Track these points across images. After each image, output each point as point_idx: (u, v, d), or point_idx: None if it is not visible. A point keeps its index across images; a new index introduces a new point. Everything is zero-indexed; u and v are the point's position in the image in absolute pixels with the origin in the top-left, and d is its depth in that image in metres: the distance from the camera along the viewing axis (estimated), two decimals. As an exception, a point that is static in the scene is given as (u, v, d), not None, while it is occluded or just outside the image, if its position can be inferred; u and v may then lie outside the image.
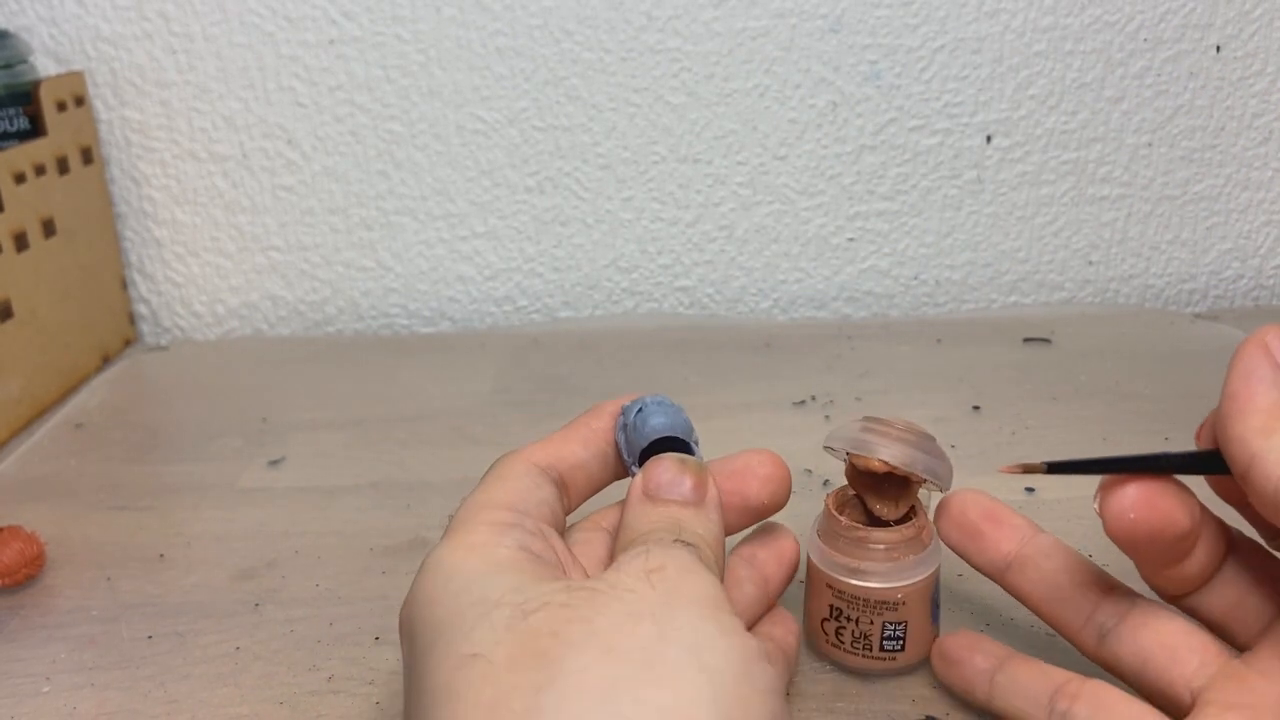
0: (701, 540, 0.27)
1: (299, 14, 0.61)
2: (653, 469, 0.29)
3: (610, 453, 0.31)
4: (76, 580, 0.41)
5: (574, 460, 0.31)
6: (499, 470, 0.30)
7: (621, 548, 0.27)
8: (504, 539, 0.26)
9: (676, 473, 0.29)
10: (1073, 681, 0.29)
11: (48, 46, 0.62)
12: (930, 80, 0.63)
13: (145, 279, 0.67)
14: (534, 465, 0.30)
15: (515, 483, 0.29)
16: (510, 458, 0.30)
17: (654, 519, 0.28)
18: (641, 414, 0.30)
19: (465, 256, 0.67)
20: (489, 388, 0.57)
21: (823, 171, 0.65)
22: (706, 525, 0.28)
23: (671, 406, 0.31)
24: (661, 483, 0.28)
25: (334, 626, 0.37)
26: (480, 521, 0.27)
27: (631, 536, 0.27)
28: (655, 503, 0.28)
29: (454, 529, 0.27)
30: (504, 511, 0.27)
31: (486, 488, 0.29)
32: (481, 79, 0.63)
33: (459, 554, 0.26)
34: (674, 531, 0.27)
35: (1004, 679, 0.30)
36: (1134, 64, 0.63)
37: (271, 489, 0.47)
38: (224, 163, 0.64)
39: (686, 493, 0.28)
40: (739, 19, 0.62)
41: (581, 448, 0.31)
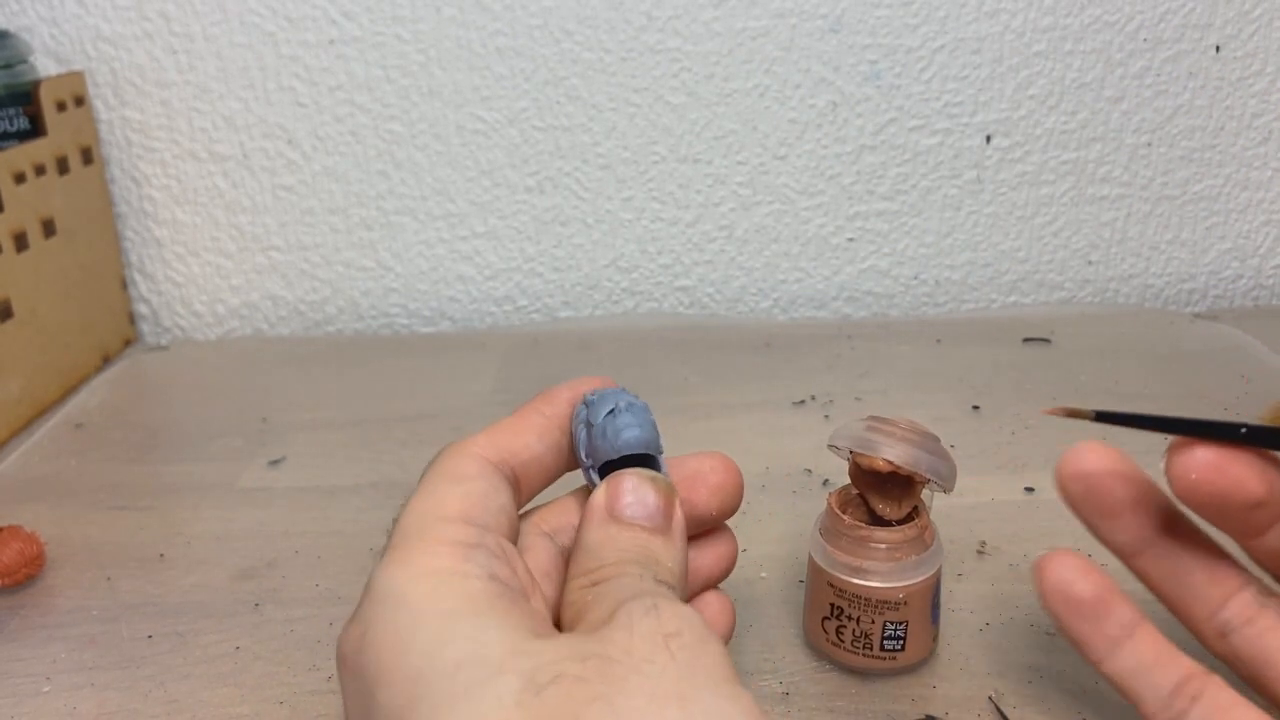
0: (674, 576, 0.25)
1: (299, 14, 0.61)
2: (619, 486, 0.27)
3: (565, 444, 0.29)
4: (76, 580, 0.41)
5: (529, 454, 0.28)
6: (448, 468, 0.27)
7: (584, 572, 0.25)
8: (470, 565, 0.23)
9: (645, 493, 0.26)
10: (1195, 679, 0.27)
11: (48, 46, 0.62)
12: (930, 80, 0.63)
13: (145, 279, 0.67)
14: (488, 462, 0.27)
15: (470, 486, 0.26)
16: (459, 452, 0.27)
17: (622, 545, 0.25)
18: (613, 418, 0.28)
19: (465, 256, 0.67)
20: (489, 388, 0.57)
21: (823, 171, 0.65)
22: (675, 556, 0.26)
23: (644, 413, 0.29)
24: (629, 503, 0.26)
25: (334, 627, 0.37)
26: (439, 539, 0.24)
27: (595, 564, 0.25)
28: (621, 525, 0.26)
29: (405, 543, 0.24)
30: (463, 527, 0.25)
31: (437, 491, 0.26)
32: (481, 79, 0.63)
33: (422, 584, 0.23)
34: (649, 566, 0.25)
35: (1130, 656, 0.27)
36: (1134, 64, 0.63)
37: (272, 489, 0.47)
38: (224, 162, 0.64)
39: (656, 517, 0.26)
40: (739, 19, 0.62)
41: (537, 439, 0.28)
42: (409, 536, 0.24)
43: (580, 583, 0.25)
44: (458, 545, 0.24)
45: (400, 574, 0.23)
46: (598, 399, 0.29)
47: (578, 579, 0.25)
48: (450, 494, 0.25)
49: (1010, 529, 0.42)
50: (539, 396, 0.30)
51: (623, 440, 0.27)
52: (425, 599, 0.22)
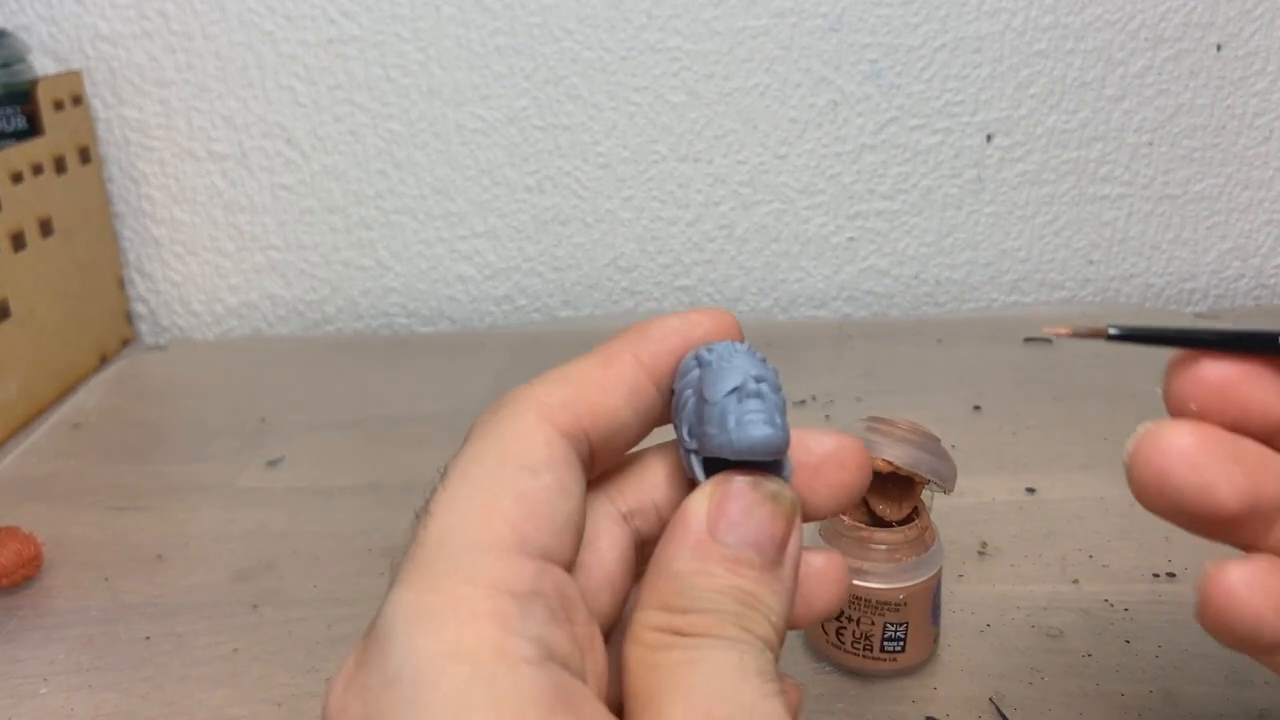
0: (776, 628, 0.19)
1: (298, 13, 0.61)
2: (728, 501, 0.20)
3: (659, 406, 0.22)
4: (74, 581, 0.41)
5: (613, 423, 0.21)
6: (511, 448, 0.20)
7: (663, 605, 0.19)
8: (520, 640, 0.17)
9: (762, 516, 0.20)
10: None
11: (46, 45, 0.61)
12: (931, 79, 0.63)
13: (143, 278, 0.67)
14: (562, 438, 0.20)
15: (535, 484, 0.19)
16: (528, 417, 0.20)
17: (719, 585, 0.19)
18: (738, 403, 0.20)
19: (465, 256, 0.66)
20: (489, 387, 0.57)
21: (823, 170, 0.65)
22: (782, 600, 0.20)
23: (777, 398, 0.21)
24: (738, 526, 0.20)
25: (332, 628, 0.37)
26: (481, 586, 0.18)
27: (681, 602, 0.19)
28: (723, 558, 0.19)
29: (434, 582, 0.18)
30: (517, 564, 0.18)
31: (488, 485, 0.19)
32: (481, 78, 0.62)
33: (452, 672, 0.17)
34: (749, 617, 0.19)
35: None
36: (1135, 63, 0.63)
37: (270, 489, 0.47)
38: (223, 162, 0.64)
39: (769, 550, 0.20)
40: (739, 18, 0.61)
41: (626, 402, 0.21)
42: (440, 566, 0.18)
43: (658, 619, 0.19)
44: (507, 598, 0.18)
45: (423, 644, 0.17)
46: (717, 361, 0.21)
47: (654, 612, 0.19)
48: (504, 498, 0.19)
49: (1011, 530, 0.42)
50: (633, 332, 0.22)
51: (749, 440, 0.20)
52: (453, 702, 0.16)
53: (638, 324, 0.22)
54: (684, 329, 0.22)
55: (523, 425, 0.20)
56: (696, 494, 0.20)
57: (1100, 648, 0.35)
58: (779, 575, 0.20)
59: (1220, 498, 0.20)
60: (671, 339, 0.22)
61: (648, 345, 0.22)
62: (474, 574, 0.18)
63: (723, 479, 0.20)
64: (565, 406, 0.20)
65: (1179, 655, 0.34)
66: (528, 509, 0.19)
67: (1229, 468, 0.20)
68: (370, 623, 0.18)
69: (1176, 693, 0.33)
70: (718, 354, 0.21)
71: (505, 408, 0.21)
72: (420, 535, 0.19)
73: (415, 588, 0.18)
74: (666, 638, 0.19)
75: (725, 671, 0.18)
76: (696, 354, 0.22)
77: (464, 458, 0.20)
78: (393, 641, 0.17)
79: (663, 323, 0.22)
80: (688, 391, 0.21)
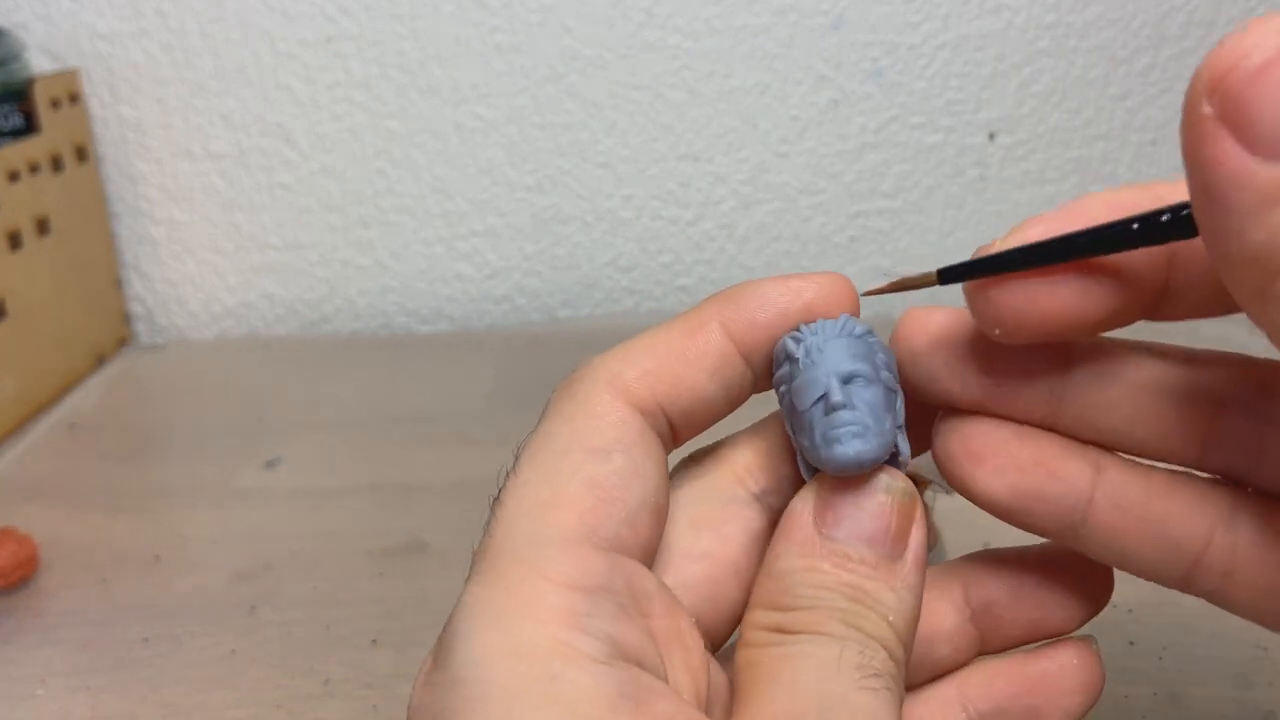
0: (896, 629, 0.18)
1: (296, 11, 0.61)
2: (836, 496, 0.19)
3: (747, 381, 0.21)
4: (71, 582, 0.40)
5: (694, 398, 0.20)
6: (581, 428, 0.19)
7: (768, 603, 0.18)
8: (586, 637, 0.17)
9: (873, 511, 0.19)
10: (1216, 535, 0.19)
11: (42, 43, 0.61)
12: (933, 77, 0.63)
13: (141, 278, 0.66)
14: (638, 415, 0.19)
15: (606, 468, 0.18)
16: (601, 393, 0.19)
17: (826, 581, 0.18)
18: (822, 415, 0.19)
19: (464, 255, 0.66)
20: (488, 387, 0.57)
21: (824, 169, 0.65)
22: (903, 598, 0.19)
23: (873, 393, 0.19)
24: (845, 518, 0.19)
25: (331, 630, 0.37)
26: (547, 581, 0.17)
27: (784, 599, 0.18)
28: (829, 553, 0.18)
29: (500, 574, 0.17)
30: (584, 556, 0.17)
31: (560, 470, 0.18)
32: (480, 76, 0.62)
33: (515, 670, 0.16)
34: (859, 614, 0.18)
35: (1126, 515, 0.20)
36: (1138, 61, 0.63)
37: (268, 490, 0.47)
38: (220, 160, 0.64)
39: (881, 543, 0.19)
40: (740, 15, 0.61)
41: (709, 377, 0.20)
42: (507, 560, 0.17)
43: (763, 619, 0.18)
44: (575, 594, 0.17)
45: (487, 641, 0.17)
46: (804, 357, 0.19)
47: (760, 611, 0.19)
48: (572, 485, 0.18)
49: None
50: (724, 298, 0.20)
51: (836, 462, 0.18)
52: (514, 702, 0.16)
53: (730, 289, 0.20)
54: (781, 300, 0.20)
55: (595, 403, 0.19)
56: (802, 492, 0.19)
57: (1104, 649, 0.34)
58: (898, 571, 0.19)
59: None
60: (766, 312, 0.20)
61: (739, 314, 0.20)
62: (541, 568, 0.17)
63: (831, 479, 0.19)
64: (642, 380, 0.19)
65: (1184, 657, 0.34)
66: (597, 496, 0.18)
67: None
68: (449, 617, 0.18)
69: (1181, 695, 0.32)
70: (806, 347, 0.19)
71: (578, 383, 0.19)
72: (492, 526, 0.18)
73: (484, 583, 0.17)
74: (770, 636, 0.18)
75: (820, 665, 0.17)
76: (785, 343, 0.20)
77: (535, 439, 0.19)
78: (459, 639, 0.17)
79: (759, 291, 0.20)
80: (782, 388, 0.20)
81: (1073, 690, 0.22)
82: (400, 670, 0.35)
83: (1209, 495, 0.20)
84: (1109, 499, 0.20)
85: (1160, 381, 0.20)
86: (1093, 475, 0.20)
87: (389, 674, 0.34)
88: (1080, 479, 0.20)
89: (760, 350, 0.20)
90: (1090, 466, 0.20)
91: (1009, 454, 0.20)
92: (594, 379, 0.19)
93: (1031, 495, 0.20)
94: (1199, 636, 0.35)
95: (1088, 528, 0.20)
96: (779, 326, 0.20)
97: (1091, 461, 0.20)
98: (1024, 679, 0.22)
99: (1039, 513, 0.20)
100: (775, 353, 0.20)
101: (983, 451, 0.20)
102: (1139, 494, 0.20)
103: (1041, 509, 0.20)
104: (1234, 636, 0.35)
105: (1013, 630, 0.22)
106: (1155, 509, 0.20)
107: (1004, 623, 0.22)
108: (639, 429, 0.19)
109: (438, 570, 0.40)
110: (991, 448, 0.20)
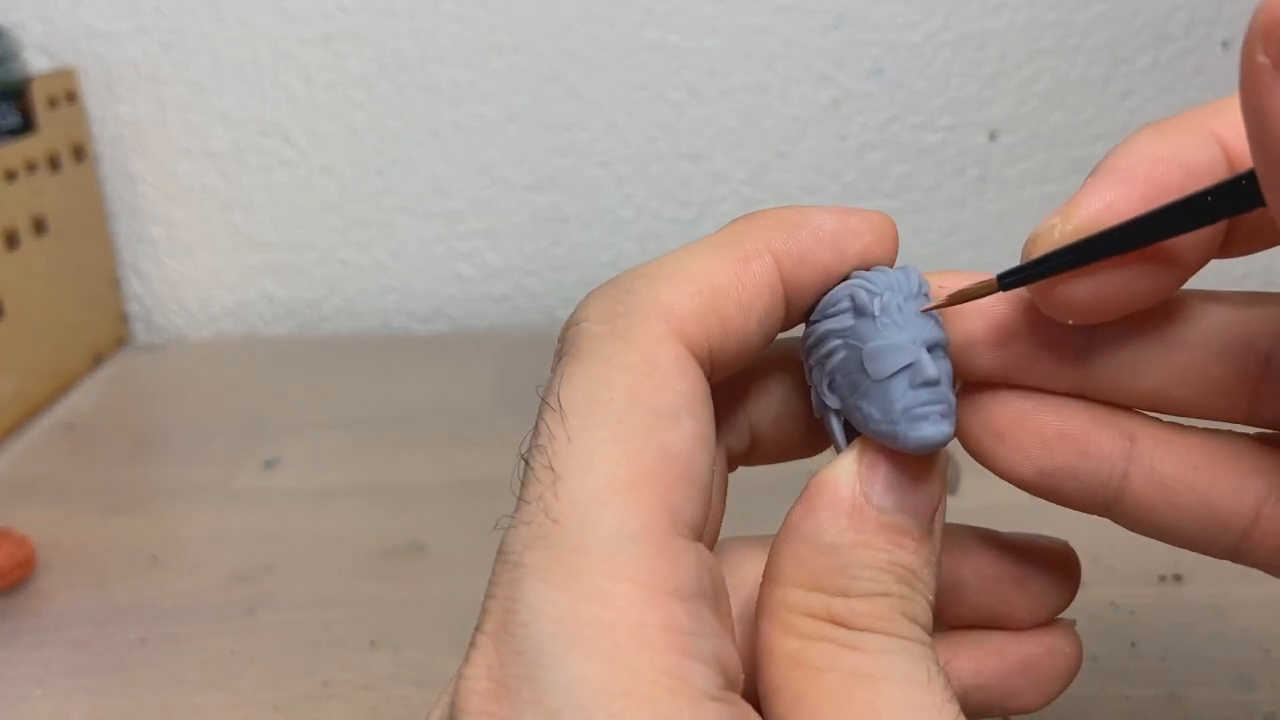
0: (931, 613, 0.17)
1: (295, 9, 0.61)
2: (884, 463, 0.17)
3: (778, 327, 0.18)
4: (68, 583, 0.40)
5: (743, 344, 0.18)
6: (641, 382, 0.16)
7: (813, 583, 0.17)
8: (698, 667, 0.14)
9: (920, 481, 0.17)
10: (1267, 506, 0.18)
11: (40, 42, 0.61)
12: (934, 77, 0.63)
13: (138, 277, 0.66)
14: (696, 366, 0.17)
15: (675, 435, 0.16)
16: (658, 335, 0.16)
17: (879, 560, 0.17)
18: (910, 384, 0.17)
19: (463, 254, 0.66)
20: (487, 387, 0.57)
21: (825, 169, 0.64)
22: (934, 571, 0.18)
23: (946, 367, 0.18)
24: (895, 488, 0.17)
25: (329, 631, 0.37)
26: (642, 587, 0.14)
27: (840, 580, 0.16)
28: (880, 526, 0.17)
29: (583, 579, 0.14)
30: (675, 551, 0.15)
31: (623, 442, 0.15)
32: (480, 75, 0.62)
33: (633, 718, 0.14)
34: (909, 604, 0.17)
35: (1164, 489, 0.18)
36: (1140, 60, 0.62)
37: (266, 491, 0.47)
38: (219, 160, 0.64)
39: (926, 516, 0.17)
40: (740, 14, 0.61)
41: (757, 322, 0.18)
42: (587, 558, 0.15)
43: (811, 603, 0.16)
44: (675, 605, 0.15)
45: (588, 676, 0.14)
46: (881, 313, 0.17)
47: (804, 593, 0.16)
48: (646, 457, 0.15)
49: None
50: (776, 224, 0.18)
51: (920, 441, 0.17)
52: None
53: (775, 211, 0.18)
54: (839, 239, 0.18)
55: (654, 349, 0.16)
56: (843, 460, 0.17)
57: (1106, 650, 0.34)
58: (933, 546, 0.17)
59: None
60: (823, 252, 0.18)
61: (793, 249, 0.18)
62: (631, 569, 0.14)
63: (869, 440, 0.17)
64: (697, 319, 0.17)
65: (1185, 658, 0.34)
66: (674, 472, 0.15)
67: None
68: (498, 610, 0.15)
69: (1183, 696, 0.32)
70: (883, 304, 0.17)
71: (625, 317, 0.16)
72: (550, 504, 0.15)
73: (563, 588, 0.14)
74: (824, 627, 0.16)
75: (913, 694, 0.15)
76: (856, 293, 0.17)
77: (582, 388, 0.16)
78: (546, 669, 0.14)
79: (815, 222, 0.18)
80: (836, 342, 0.17)
81: (1059, 675, 0.21)
82: (400, 672, 0.35)
83: (1257, 460, 0.18)
84: (1145, 473, 0.18)
85: (1203, 330, 0.18)
86: (1126, 446, 0.18)
87: (388, 675, 0.34)
88: (1112, 452, 0.18)
89: (807, 291, 0.18)
90: (1123, 437, 0.18)
91: (1032, 429, 0.19)
92: (647, 313, 0.16)
93: (1060, 473, 0.19)
94: (1200, 638, 0.35)
95: (1123, 504, 0.19)
96: (833, 270, 0.18)
97: (1124, 431, 0.19)
98: (1015, 658, 0.21)
99: (1070, 490, 0.19)
100: (831, 296, 0.18)
101: (1004, 428, 0.19)
102: (1177, 466, 0.18)
103: (1072, 486, 0.19)
104: (1236, 638, 0.35)
105: (967, 616, 0.21)
106: (1196, 482, 0.18)
107: (963, 609, 0.21)
108: (700, 382, 0.17)
109: (437, 571, 0.40)
110: (1013, 423, 0.19)
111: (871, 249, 0.19)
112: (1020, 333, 0.19)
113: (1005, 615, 0.21)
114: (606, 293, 0.17)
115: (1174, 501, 0.18)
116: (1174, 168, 0.16)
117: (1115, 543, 0.35)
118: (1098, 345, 0.18)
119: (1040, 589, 0.21)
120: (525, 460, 0.16)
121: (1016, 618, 0.21)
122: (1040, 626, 0.21)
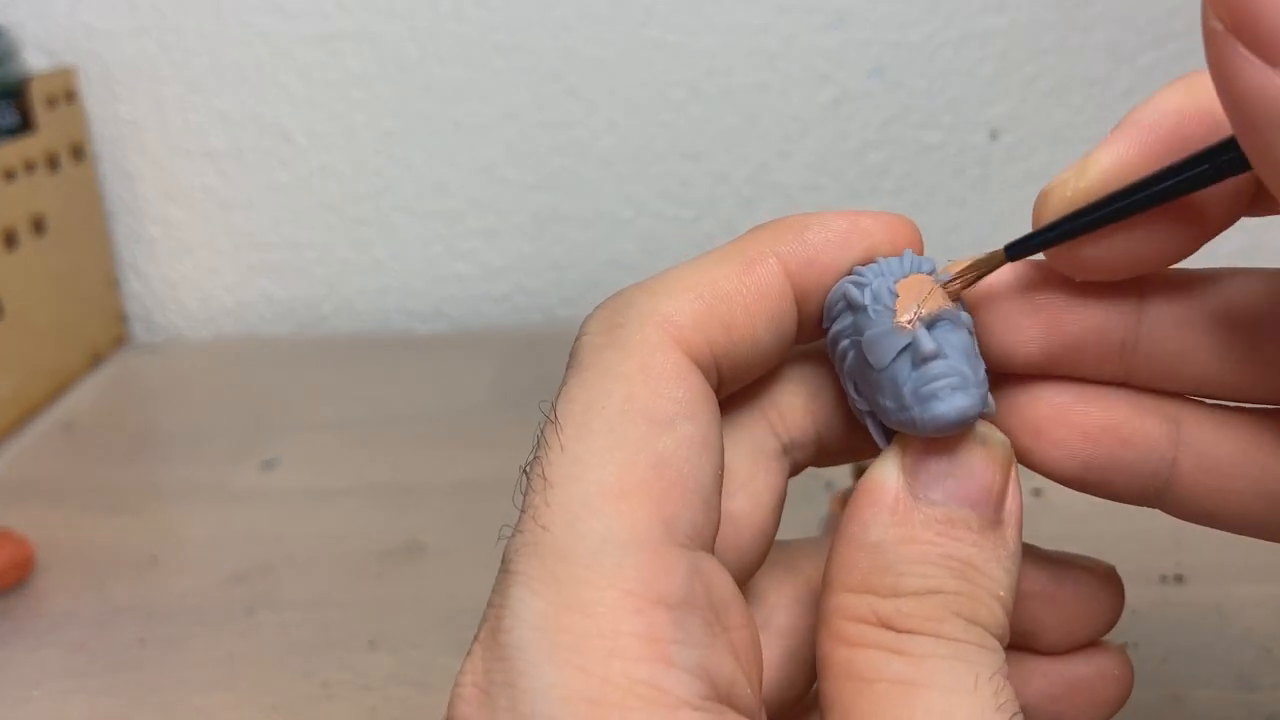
0: (1006, 603, 0.16)
1: (294, 8, 0.60)
2: (930, 452, 0.16)
3: (794, 332, 0.18)
4: (67, 584, 0.40)
5: (752, 349, 0.17)
6: (637, 390, 0.16)
7: (863, 585, 0.16)
8: (680, 675, 0.14)
9: (974, 467, 0.16)
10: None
11: (39, 41, 0.61)
12: (934, 76, 0.62)
13: (137, 277, 0.66)
14: (698, 373, 0.16)
15: (670, 440, 0.15)
16: (655, 342, 0.16)
17: (931, 555, 0.16)
18: (912, 364, 0.16)
19: (463, 254, 0.66)
20: (487, 387, 0.57)
21: (826, 168, 0.64)
22: (1008, 568, 0.16)
23: (960, 338, 0.17)
24: (944, 476, 0.16)
25: (328, 631, 0.37)
26: (625, 595, 0.14)
27: (889, 580, 0.15)
28: (932, 521, 0.16)
29: (567, 587, 0.14)
30: (665, 559, 0.15)
31: (616, 450, 0.15)
32: (479, 74, 0.62)
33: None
34: (972, 593, 0.15)
35: (1215, 476, 0.18)
36: (1141, 59, 0.62)
37: (265, 491, 0.47)
38: (218, 159, 0.64)
39: (987, 507, 0.16)
40: (740, 13, 0.61)
41: (765, 327, 0.17)
42: (572, 566, 0.14)
43: (859, 607, 0.16)
44: (660, 612, 0.14)
45: (561, 683, 0.14)
46: (872, 303, 0.17)
47: (853, 596, 0.16)
48: (640, 464, 0.15)
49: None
50: (783, 229, 0.18)
51: (937, 421, 0.16)
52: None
53: (783, 220, 0.18)
54: (847, 239, 0.18)
55: (652, 357, 0.16)
56: (883, 458, 0.16)
57: (1109, 652, 0.34)
58: (1003, 538, 0.16)
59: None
60: (830, 252, 0.18)
61: (800, 251, 0.18)
62: (616, 576, 0.14)
63: (918, 439, 0.16)
64: (697, 326, 0.16)
65: (1187, 659, 0.34)
66: (668, 478, 0.15)
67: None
68: (491, 616, 0.15)
69: (1184, 697, 0.32)
70: (871, 292, 0.17)
71: (624, 327, 0.16)
72: (539, 511, 0.15)
73: (546, 596, 0.14)
74: (872, 632, 0.15)
75: (955, 703, 0.14)
76: (846, 289, 0.17)
77: (579, 399, 0.16)
78: (523, 676, 0.14)
79: (821, 224, 0.18)
80: (845, 342, 0.17)
81: (1108, 700, 0.20)
82: (399, 672, 0.34)
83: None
84: (1193, 460, 0.18)
85: (1252, 307, 0.17)
86: (1172, 433, 0.18)
87: (388, 676, 0.34)
88: (1159, 440, 0.18)
89: (816, 294, 0.18)
90: (1168, 423, 0.18)
91: (1073, 421, 0.18)
92: (644, 322, 0.16)
93: (1104, 466, 0.18)
94: (1202, 638, 0.34)
95: (1174, 492, 0.18)
96: (842, 269, 0.18)
97: (1169, 417, 0.18)
98: (1062, 681, 0.20)
99: (1117, 484, 0.18)
100: (830, 301, 0.18)
101: (1041, 423, 0.18)
102: (1228, 450, 0.17)
103: (1119, 479, 0.18)
104: (1237, 638, 0.35)
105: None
106: (1249, 465, 0.17)
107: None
108: (700, 388, 0.16)
109: (436, 571, 0.40)
110: (1051, 418, 0.18)
111: (880, 248, 0.18)
112: (1067, 325, 0.18)
113: (1034, 635, 0.20)
114: (608, 306, 0.18)
115: (1228, 486, 0.17)
116: (1197, 122, 0.16)
117: (1115, 543, 0.35)
118: (1146, 331, 0.18)
119: (1075, 610, 0.20)
120: (525, 473, 0.16)
121: (1049, 639, 0.20)
122: (1088, 648, 0.21)
